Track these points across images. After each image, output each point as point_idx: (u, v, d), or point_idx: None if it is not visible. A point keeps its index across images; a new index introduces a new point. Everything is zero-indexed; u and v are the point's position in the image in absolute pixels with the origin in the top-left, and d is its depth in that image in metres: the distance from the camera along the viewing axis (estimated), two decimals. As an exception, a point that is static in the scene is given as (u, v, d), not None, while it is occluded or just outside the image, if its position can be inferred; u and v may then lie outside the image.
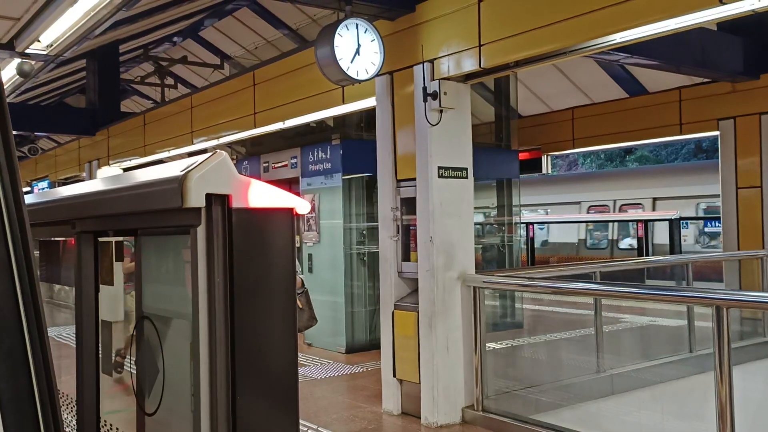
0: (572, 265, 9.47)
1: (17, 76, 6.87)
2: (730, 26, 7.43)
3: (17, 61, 6.54)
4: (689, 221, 13.16)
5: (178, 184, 1.43)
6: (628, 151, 29.22)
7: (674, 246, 12.37)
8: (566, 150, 11.73)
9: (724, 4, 3.98)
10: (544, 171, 12.46)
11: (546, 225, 15.81)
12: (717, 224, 10.48)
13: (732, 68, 7.75)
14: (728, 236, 8.32)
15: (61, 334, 3.47)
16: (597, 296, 6.23)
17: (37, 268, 1.05)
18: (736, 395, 3.88)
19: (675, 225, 12.46)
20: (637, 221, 13.28)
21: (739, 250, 8.10)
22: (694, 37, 6.81)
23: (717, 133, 8.54)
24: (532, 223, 14.57)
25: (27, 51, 6.42)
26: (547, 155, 11.68)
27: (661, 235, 12.89)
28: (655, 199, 14.06)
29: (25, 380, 0.97)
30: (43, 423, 0.97)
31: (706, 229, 13.39)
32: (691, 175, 14.48)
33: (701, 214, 13.52)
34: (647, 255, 12.76)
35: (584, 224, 14.96)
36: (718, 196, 8.60)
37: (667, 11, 4.22)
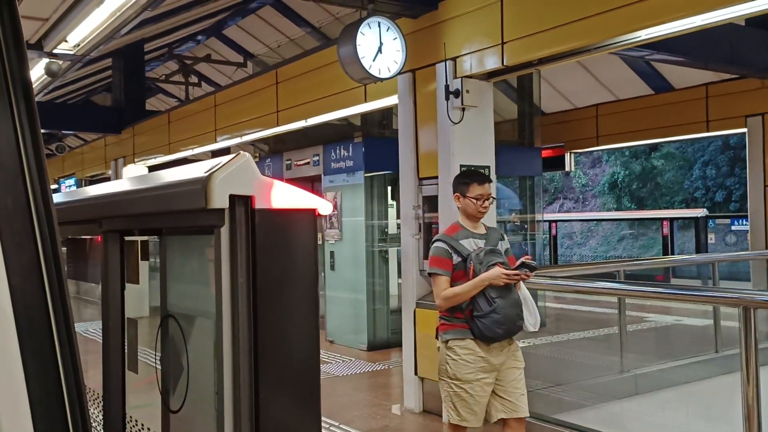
0: (595, 264, 9.37)
1: (45, 76, 6.98)
2: (759, 21, 7.29)
3: (45, 61, 6.65)
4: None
5: (202, 185, 1.44)
6: (654, 148, 28.82)
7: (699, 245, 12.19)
8: (590, 147, 11.64)
9: (753, -1, 3.90)
10: (567, 169, 12.35)
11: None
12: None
13: (761, 64, 7.61)
14: (756, 235, 8.19)
15: (88, 329, 3.53)
16: (620, 296, 6.16)
17: (65, 266, 1.06)
18: (763, 397, 3.82)
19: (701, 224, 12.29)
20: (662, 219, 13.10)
21: (767, 249, 7.96)
22: (722, 32, 6.69)
23: (744, 130, 8.41)
24: (555, 221, 14.47)
25: (55, 51, 6.53)
26: (571, 153, 11.59)
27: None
28: None
29: (54, 379, 0.99)
30: (71, 421, 0.99)
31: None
32: None
33: None
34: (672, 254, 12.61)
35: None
36: None
37: (694, 7, 4.15)
